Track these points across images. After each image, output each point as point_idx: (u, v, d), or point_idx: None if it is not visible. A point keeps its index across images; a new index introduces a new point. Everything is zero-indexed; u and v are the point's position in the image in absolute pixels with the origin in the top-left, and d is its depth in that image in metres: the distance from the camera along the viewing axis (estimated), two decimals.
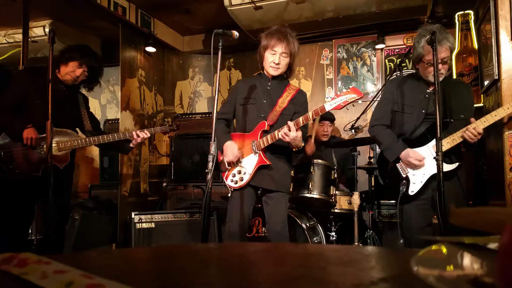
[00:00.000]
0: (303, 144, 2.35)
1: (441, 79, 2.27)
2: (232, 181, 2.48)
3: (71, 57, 2.74)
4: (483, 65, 3.02)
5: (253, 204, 2.52)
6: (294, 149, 2.36)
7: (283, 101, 2.46)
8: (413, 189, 2.33)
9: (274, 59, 2.40)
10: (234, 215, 2.42)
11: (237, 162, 2.46)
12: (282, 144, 2.40)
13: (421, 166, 2.32)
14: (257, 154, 2.40)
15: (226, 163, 2.48)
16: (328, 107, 2.17)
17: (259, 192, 2.53)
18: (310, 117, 2.24)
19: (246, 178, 2.42)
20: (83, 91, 3.00)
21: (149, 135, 2.87)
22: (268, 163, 2.39)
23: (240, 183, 2.43)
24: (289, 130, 2.22)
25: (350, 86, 2.20)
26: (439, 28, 2.27)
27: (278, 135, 2.29)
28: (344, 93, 2.17)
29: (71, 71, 2.75)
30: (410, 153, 2.31)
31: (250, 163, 2.42)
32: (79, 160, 5.44)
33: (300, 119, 2.25)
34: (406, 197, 2.35)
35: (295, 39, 2.44)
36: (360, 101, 2.19)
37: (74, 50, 2.78)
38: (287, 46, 2.38)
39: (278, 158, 2.46)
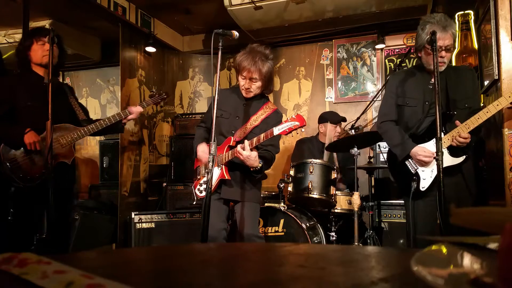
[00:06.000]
0: (260, 165, 2.34)
1: (443, 68, 2.29)
2: (198, 190, 2.57)
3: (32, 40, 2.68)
4: (483, 65, 3.02)
5: (227, 208, 2.56)
6: (251, 169, 2.35)
7: (256, 119, 2.47)
8: (424, 184, 2.33)
9: (244, 84, 2.43)
10: (211, 220, 2.44)
11: (206, 172, 2.51)
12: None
13: (431, 161, 2.29)
14: (220, 168, 2.43)
15: (202, 169, 2.56)
16: (276, 131, 2.22)
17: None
18: (262, 139, 2.28)
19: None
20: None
21: (142, 109, 3.03)
22: (227, 178, 2.42)
23: (204, 193, 2.46)
24: (243, 149, 2.24)
25: (296, 114, 2.31)
26: (444, 15, 2.29)
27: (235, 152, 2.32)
28: (291, 119, 2.22)
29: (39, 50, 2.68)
30: (419, 151, 2.30)
31: (215, 175, 2.45)
32: (79, 160, 5.45)
33: (254, 139, 2.28)
34: (417, 193, 2.34)
35: (267, 61, 2.40)
36: (303, 129, 2.24)
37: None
38: (256, 71, 2.37)
39: (243, 173, 2.47)
